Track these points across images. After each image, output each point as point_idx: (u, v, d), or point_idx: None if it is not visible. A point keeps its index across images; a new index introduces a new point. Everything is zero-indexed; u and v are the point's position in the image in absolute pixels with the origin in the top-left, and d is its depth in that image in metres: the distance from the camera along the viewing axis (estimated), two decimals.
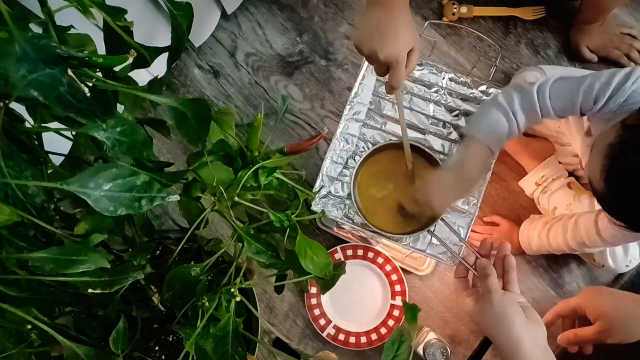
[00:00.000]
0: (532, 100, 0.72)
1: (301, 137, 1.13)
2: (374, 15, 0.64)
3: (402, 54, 0.63)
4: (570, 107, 0.70)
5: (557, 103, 0.71)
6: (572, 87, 0.69)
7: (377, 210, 0.80)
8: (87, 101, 0.37)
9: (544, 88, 0.72)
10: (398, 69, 0.64)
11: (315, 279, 0.63)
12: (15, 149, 0.40)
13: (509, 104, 0.73)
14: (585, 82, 0.68)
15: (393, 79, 0.66)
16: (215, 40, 1.18)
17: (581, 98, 0.68)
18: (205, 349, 0.54)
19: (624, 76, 0.65)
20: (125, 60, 0.48)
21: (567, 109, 0.71)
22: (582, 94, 0.68)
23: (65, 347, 0.44)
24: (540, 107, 0.72)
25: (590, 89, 0.67)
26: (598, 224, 0.81)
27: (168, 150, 1.13)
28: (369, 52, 0.65)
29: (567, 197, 0.94)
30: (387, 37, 0.63)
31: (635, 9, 1.15)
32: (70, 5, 0.43)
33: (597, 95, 0.66)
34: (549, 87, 0.71)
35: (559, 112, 0.72)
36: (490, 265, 0.65)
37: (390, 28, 0.63)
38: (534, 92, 0.72)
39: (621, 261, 0.93)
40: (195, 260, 0.74)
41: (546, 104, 0.71)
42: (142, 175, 0.39)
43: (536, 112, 0.72)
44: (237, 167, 0.67)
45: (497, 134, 0.73)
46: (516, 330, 0.59)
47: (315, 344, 1.04)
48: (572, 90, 0.69)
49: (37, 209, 0.41)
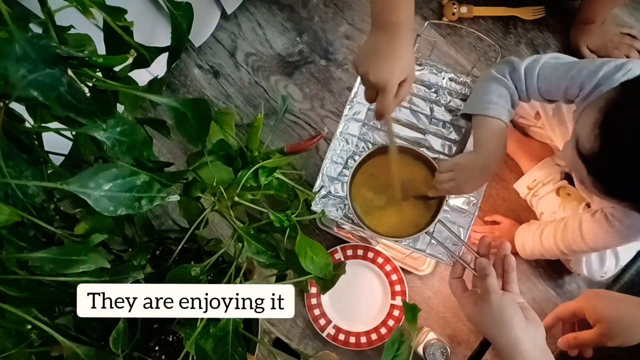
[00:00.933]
0: (520, 77, 0.72)
1: (301, 137, 1.13)
2: (376, 37, 0.64)
3: (393, 80, 0.63)
4: (555, 90, 0.70)
5: (544, 84, 0.71)
6: (561, 71, 0.69)
7: (374, 213, 0.80)
8: (87, 101, 0.37)
9: (533, 67, 0.71)
10: (386, 95, 0.64)
11: (315, 279, 0.63)
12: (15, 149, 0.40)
13: (503, 75, 0.73)
14: (575, 67, 0.67)
15: (380, 105, 0.65)
16: (215, 40, 1.18)
17: (567, 82, 0.67)
18: (205, 349, 0.54)
19: (614, 67, 0.64)
20: (125, 60, 0.48)
21: (552, 92, 0.71)
22: (568, 79, 0.67)
23: (65, 347, 0.44)
24: (526, 86, 0.72)
25: (578, 74, 0.66)
26: (582, 226, 0.81)
27: (168, 150, 1.13)
28: (362, 72, 0.64)
29: (553, 204, 0.94)
30: (382, 61, 0.63)
31: (635, 9, 1.15)
32: (70, 5, 0.43)
33: (583, 83, 0.65)
34: (538, 67, 0.71)
35: (544, 94, 0.72)
36: (490, 265, 0.64)
37: (388, 53, 0.63)
38: (522, 69, 0.72)
39: (596, 272, 0.93)
40: (195, 260, 0.74)
41: (533, 83, 0.71)
42: (142, 175, 0.39)
43: (522, 90, 0.72)
44: (237, 167, 0.67)
45: (504, 105, 0.72)
46: (515, 331, 0.58)
47: (315, 344, 1.04)
48: (560, 74, 0.69)
49: (37, 209, 0.41)
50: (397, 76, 0.63)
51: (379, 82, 0.63)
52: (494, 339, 0.61)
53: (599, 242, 0.79)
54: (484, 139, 0.73)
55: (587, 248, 0.82)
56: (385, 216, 0.79)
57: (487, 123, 0.72)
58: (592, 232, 0.79)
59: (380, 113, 0.66)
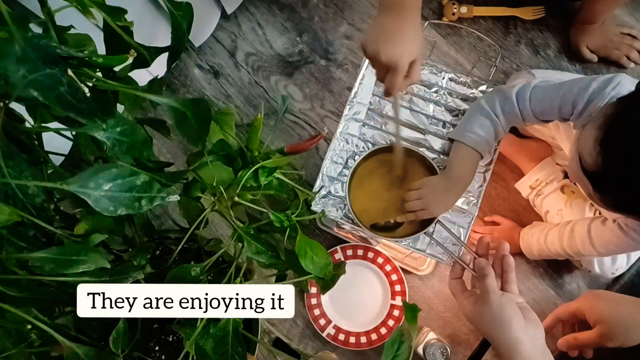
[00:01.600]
0: (512, 103, 0.74)
1: (301, 137, 1.13)
2: (384, 19, 0.64)
3: (403, 59, 0.63)
4: (549, 111, 0.71)
5: (537, 107, 0.72)
6: (551, 92, 0.71)
7: (372, 213, 0.80)
8: (87, 101, 0.37)
9: (524, 92, 0.73)
10: (396, 73, 0.64)
11: (315, 279, 0.63)
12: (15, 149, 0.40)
13: (491, 107, 0.75)
14: (564, 86, 0.69)
15: (389, 83, 0.66)
16: (215, 40, 1.18)
17: (559, 102, 0.69)
18: (205, 349, 0.54)
19: (603, 82, 0.65)
20: (125, 60, 0.48)
21: (546, 113, 0.73)
22: (560, 99, 0.69)
23: (65, 347, 0.44)
24: (520, 110, 0.74)
25: (569, 93, 0.68)
26: (591, 233, 0.81)
27: (168, 150, 1.13)
28: (371, 53, 0.65)
29: (559, 202, 0.95)
30: (392, 41, 0.63)
31: (635, 9, 1.15)
32: (70, 5, 0.43)
33: (575, 100, 0.67)
34: (529, 91, 0.73)
35: (539, 116, 0.74)
36: (489, 265, 0.65)
37: (398, 33, 0.63)
38: (513, 96, 0.74)
39: (608, 269, 0.93)
40: (195, 260, 0.74)
41: (526, 107, 0.73)
42: (142, 175, 0.39)
43: (517, 115, 0.74)
44: (237, 167, 0.67)
45: (484, 137, 0.75)
46: (514, 331, 0.58)
47: (315, 344, 1.04)
48: (551, 95, 0.70)
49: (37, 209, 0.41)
50: (407, 56, 0.64)
51: (390, 60, 0.63)
52: (493, 339, 0.61)
53: (612, 249, 0.80)
54: (455, 163, 0.76)
55: (597, 253, 0.82)
56: (384, 216, 0.79)
57: (462, 150, 0.76)
58: (604, 240, 0.79)
59: (389, 90, 0.67)
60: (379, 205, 0.80)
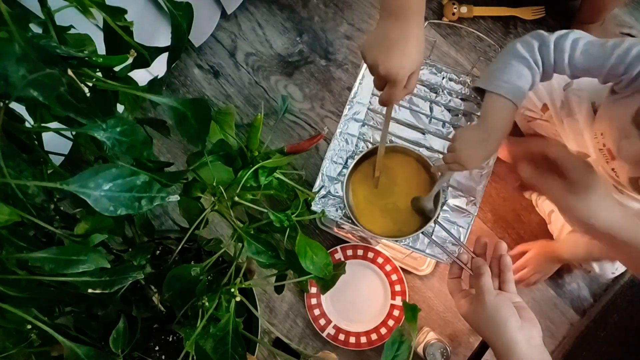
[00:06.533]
0: (549, 52, 0.68)
1: (301, 137, 1.13)
2: (386, 25, 0.61)
3: (402, 73, 0.61)
4: (597, 69, 0.66)
5: (585, 61, 0.67)
6: (606, 48, 0.65)
7: (371, 213, 0.79)
8: (87, 101, 0.37)
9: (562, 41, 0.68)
10: (395, 87, 0.62)
11: (315, 279, 0.63)
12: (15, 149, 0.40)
13: (530, 54, 0.69)
14: (622, 45, 0.63)
15: (386, 95, 0.64)
16: (215, 40, 1.18)
17: (613, 61, 0.64)
18: (205, 349, 0.54)
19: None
20: (125, 60, 0.48)
21: (592, 70, 0.67)
22: (615, 58, 0.64)
23: (65, 347, 0.44)
24: (555, 61, 0.69)
25: (626, 53, 0.63)
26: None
27: (168, 150, 1.13)
28: (371, 62, 0.62)
29: None
30: (392, 52, 0.60)
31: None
32: (70, 5, 0.43)
33: (631, 63, 0.63)
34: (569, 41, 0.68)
35: (580, 71, 0.68)
36: (485, 264, 0.64)
37: (399, 43, 0.60)
38: (552, 44, 0.68)
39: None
40: (195, 260, 0.74)
41: (563, 58, 0.68)
42: (142, 175, 0.39)
43: (550, 65, 0.69)
44: (237, 167, 0.67)
45: (522, 88, 0.69)
46: (510, 332, 0.58)
47: (315, 344, 1.04)
48: (605, 51, 0.65)
49: (37, 209, 0.41)
50: (408, 69, 0.61)
51: (389, 74, 0.61)
52: (489, 340, 0.60)
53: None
54: (490, 113, 0.70)
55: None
56: (382, 216, 0.79)
57: (498, 101, 0.70)
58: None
59: (385, 102, 0.66)
60: (378, 205, 0.80)
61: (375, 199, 0.80)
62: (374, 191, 0.81)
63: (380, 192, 0.81)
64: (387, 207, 0.80)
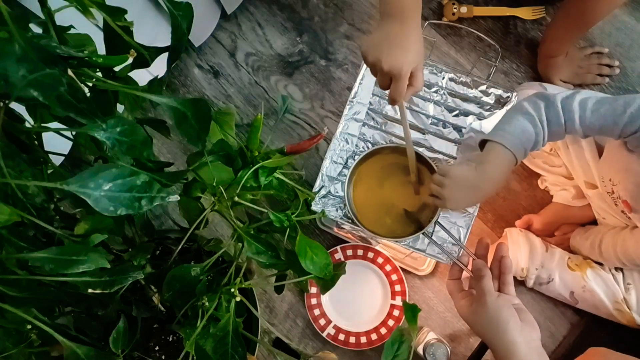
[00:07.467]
0: (558, 113, 0.69)
1: (301, 137, 1.13)
2: (386, 26, 0.64)
3: (405, 67, 0.63)
4: (611, 128, 0.67)
5: (598, 121, 0.67)
6: (616, 106, 0.66)
7: (371, 213, 0.80)
8: (87, 101, 0.37)
9: (570, 102, 0.69)
10: (400, 81, 0.64)
11: (315, 279, 0.63)
12: (15, 149, 0.40)
13: (536, 111, 0.70)
14: (635, 102, 0.65)
15: (394, 92, 0.66)
16: (215, 40, 1.18)
17: (626, 119, 0.65)
18: (205, 349, 0.54)
19: None
20: (125, 60, 0.48)
21: (606, 129, 0.68)
22: (628, 116, 0.65)
23: (65, 347, 0.44)
24: (565, 121, 0.69)
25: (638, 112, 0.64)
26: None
27: (168, 150, 1.13)
28: (373, 61, 0.64)
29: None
30: (394, 49, 0.63)
31: (635, 8, 1.15)
32: (70, 5, 0.43)
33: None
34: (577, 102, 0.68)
35: (594, 131, 0.69)
36: (486, 266, 0.64)
37: (400, 41, 0.63)
38: (559, 104, 0.69)
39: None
40: (195, 260, 0.74)
41: (573, 118, 0.68)
42: (142, 175, 0.39)
43: (560, 125, 0.69)
44: (237, 167, 0.67)
45: (523, 142, 0.70)
46: (510, 334, 0.58)
47: (315, 344, 1.04)
48: (616, 109, 0.66)
49: (37, 209, 0.41)
50: (410, 63, 0.63)
51: (392, 69, 0.63)
52: (489, 341, 0.61)
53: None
54: (489, 162, 0.70)
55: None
56: (383, 216, 0.79)
57: (499, 151, 0.70)
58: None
59: (394, 99, 0.67)
60: (379, 205, 0.80)
61: (376, 199, 0.80)
62: (374, 191, 0.81)
63: (380, 192, 0.81)
64: (388, 207, 0.80)
